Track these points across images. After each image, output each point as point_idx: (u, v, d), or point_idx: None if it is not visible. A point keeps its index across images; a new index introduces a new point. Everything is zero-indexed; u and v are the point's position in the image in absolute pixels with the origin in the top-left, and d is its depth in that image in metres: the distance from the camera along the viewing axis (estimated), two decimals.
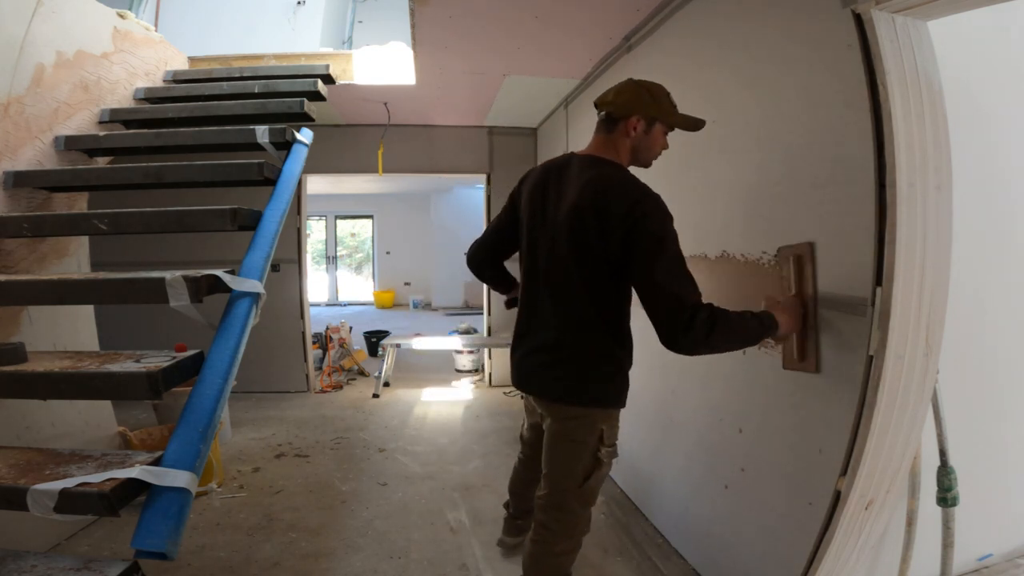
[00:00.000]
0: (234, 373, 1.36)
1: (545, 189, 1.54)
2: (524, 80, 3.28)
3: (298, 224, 4.32)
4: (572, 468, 1.50)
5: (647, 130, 1.46)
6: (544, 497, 1.58)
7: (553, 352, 1.49)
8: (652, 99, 1.45)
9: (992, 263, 1.75)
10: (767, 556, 1.59)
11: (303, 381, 4.49)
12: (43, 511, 1.06)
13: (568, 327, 1.47)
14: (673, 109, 1.49)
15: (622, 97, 1.45)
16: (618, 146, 1.48)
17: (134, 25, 2.54)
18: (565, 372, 1.47)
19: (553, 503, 1.56)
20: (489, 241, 1.80)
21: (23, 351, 1.40)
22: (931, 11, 1.20)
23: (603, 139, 1.50)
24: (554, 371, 1.49)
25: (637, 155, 1.50)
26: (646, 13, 2.28)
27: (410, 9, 2.27)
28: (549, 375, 1.51)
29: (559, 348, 1.48)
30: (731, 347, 1.34)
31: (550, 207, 1.51)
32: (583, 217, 1.38)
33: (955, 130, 1.25)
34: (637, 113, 1.44)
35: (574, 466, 1.50)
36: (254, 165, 1.87)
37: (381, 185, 8.87)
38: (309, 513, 2.45)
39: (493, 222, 1.78)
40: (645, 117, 1.45)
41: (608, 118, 1.48)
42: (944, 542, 1.54)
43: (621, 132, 1.47)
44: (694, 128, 1.51)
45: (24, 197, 1.94)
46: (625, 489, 2.64)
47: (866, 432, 1.23)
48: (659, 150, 1.52)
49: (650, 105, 1.45)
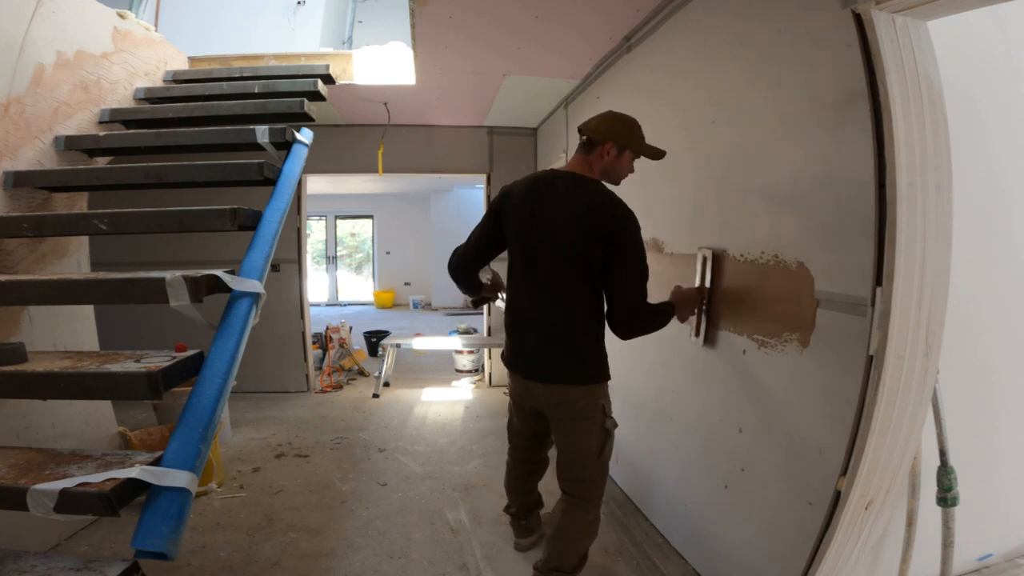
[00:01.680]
0: (234, 373, 1.36)
1: (539, 201, 1.72)
2: (524, 80, 3.28)
3: (298, 224, 4.32)
4: (590, 443, 1.73)
5: (618, 155, 1.70)
6: (568, 476, 1.80)
7: (561, 342, 1.70)
8: (626, 129, 1.71)
9: (992, 263, 1.75)
10: (767, 556, 1.59)
11: (303, 381, 4.49)
12: (43, 511, 1.06)
13: (569, 318, 1.69)
14: (641, 140, 1.75)
15: (602, 126, 1.70)
16: (593, 165, 1.72)
17: (134, 25, 2.54)
18: (573, 357, 1.70)
19: (579, 477, 1.78)
20: (476, 248, 1.89)
21: (23, 351, 1.40)
22: (931, 11, 1.20)
23: (582, 158, 1.73)
24: (564, 358, 1.71)
25: (608, 175, 1.74)
26: (646, 13, 2.28)
27: (410, 9, 2.27)
28: (559, 362, 1.71)
29: (566, 337, 1.70)
30: (651, 331, 1.70)
31: (546, 216, 1.69)
32: (582, 226, 1.62)
33: (955, 130, 1.25)
34: (611, 140, 1.68)
35: (591, 441, 1.73)
36: (254, 165, 1.87)
37: (381, 185, 8.87)
38: (309, 513, 2.46)
39: (478, 231, 1.89)
40: (617, 144, 1.69)
41: (588, 142, 1.72)
42: (944, 542, 1.54)
43: (597, 155, 1.71)
44: (657, 157, 1.76)
45: (24, 197, 1.94)
46: (625, 489, 2.64)
47: (866, 432, 1.23)
48: (626, 172, 1.78)
49: (623, 134, 1.70)
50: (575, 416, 1.74)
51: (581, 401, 1.72)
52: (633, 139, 1.71)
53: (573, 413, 1.74)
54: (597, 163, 1.71)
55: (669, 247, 2.20)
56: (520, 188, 1.78)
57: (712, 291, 1.86)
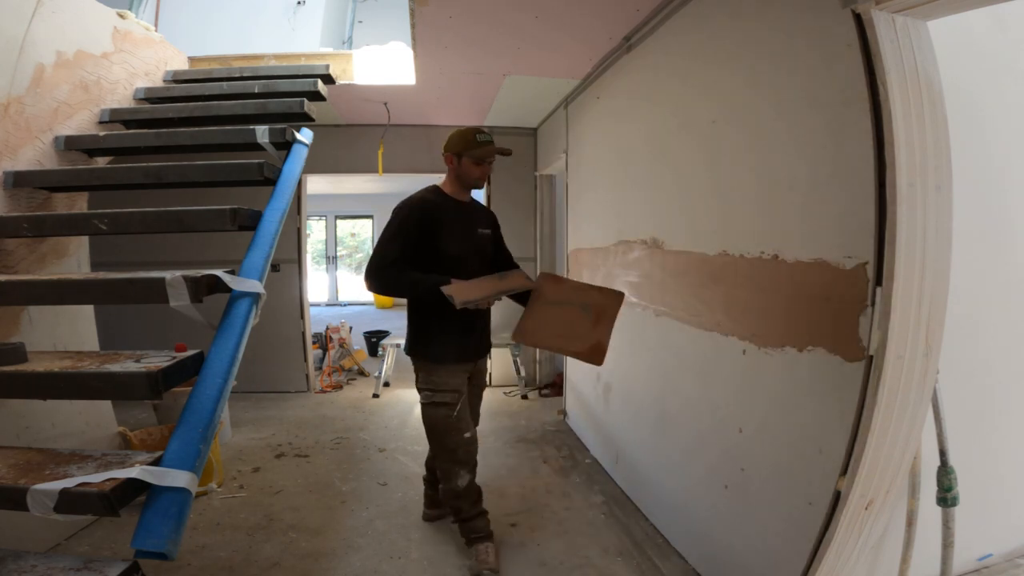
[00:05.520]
0: (234, 373, 1.36)
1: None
2: (524, 80, 3.28)
3: (298, 224, 4.33)
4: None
5: (458, 162, 2.00)
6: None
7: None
8: (459, 139, 1.99)
9: (992, 263, 1.75)
10: (767, 556, 1.59)
11: (303, 381, 4.49)
12: (43, 511, 1.06)
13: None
14: (473, 145, 1.97)
15: (446, 143, 2.03)
16: (449, 175, 2.07)
17: (134, 25, 2.54)
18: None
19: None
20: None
21: (23, 351, 1.40)
22: (931, 11, 1.20)
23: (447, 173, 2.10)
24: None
25: (461, 180, 2.05)
26: (646, 13, 2.28)
27: (410, 9, 2.27)
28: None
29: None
30: (382, 291, 2.06)
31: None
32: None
33: (955, 130, 1.25)
34: (447, 151, 2.02)
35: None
36: (254, 165, 1.87)
37: (381, 185, 8.85)
38: (309, 513, 2.46)
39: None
40: (453, 153, 2.00)
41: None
42: (944, 542, 1.54)
43: (448, 165, 2.05)
44: (500, 153, 2.00)
45: (24, 197, 1.94)
46: (625, 489, 2.64)
47: (866, 432, 1.23)
48: (476, 174, 2.02)
49: (456, 144, 1.99)
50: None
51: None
52: (465, 146, 1.97)
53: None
54: (449, 172, 2.06)
55: (669, 245, 2.20)
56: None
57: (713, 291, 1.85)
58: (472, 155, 1.98)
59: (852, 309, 1.27)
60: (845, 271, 1.30)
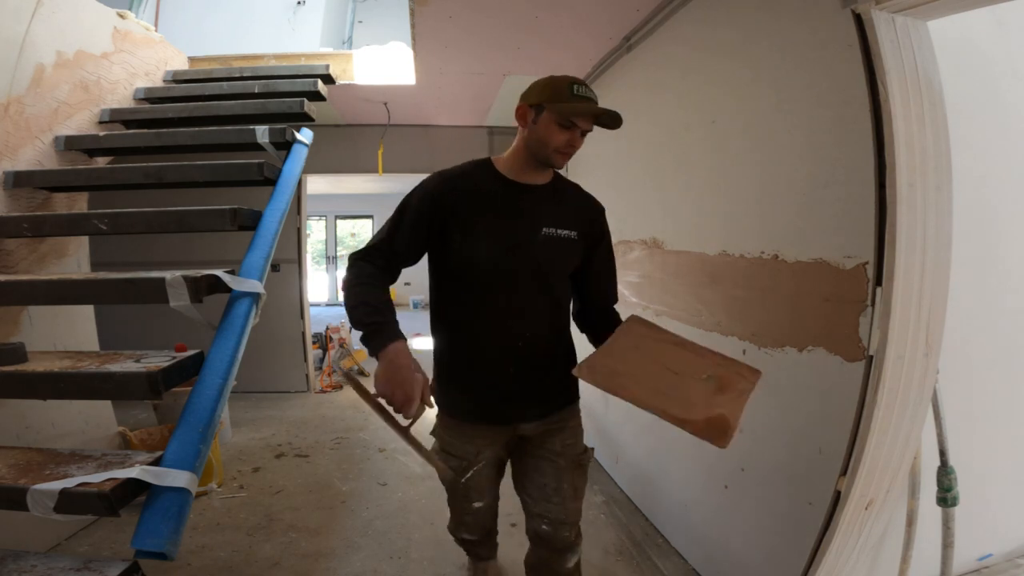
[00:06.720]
0: (234, 373, 1.36)
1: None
2: (524, 80, 3.24)
3: (298, 224, 4.32)
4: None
5: (535, 117, 1.32)
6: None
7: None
8: (545, 86, 1.32)
9: (992, 263, 1.75)
10: (767, 556, 1.59)
11: (303, 381, 4.49)
12: (43, 511, 1.06)
13: None
14: (565, 96, 1.28)
15: (524, 92, 1.37)
16: (516, 143, 1.41)
17: (134, 25, 2.54)
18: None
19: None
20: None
21: (23, 351, 1.40)
22: (931, 11, 1.20)
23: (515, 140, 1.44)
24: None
25: (531, 148, 1.36)
26: (646, 13, 2.28)
27: (410, 9, 2.27)
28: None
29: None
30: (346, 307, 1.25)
31: None
32: None
33: (955, 130, 1.25)
34: (524, 101, 1.35)
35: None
36: (254, 165, 1.87)
37: (381, 185, 8.86)
38: (309, 513, 2.45)
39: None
40: (529, 103, 1.34)
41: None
42: (944, 542, 1.54)
43: (519, 125, 1.39)
44: (601, 123, 1.31)
45: (24, 197, 1.94)
46: (625, 489, 2.64)
47: (866, 432, 1.23)
48: (559, 141, 1.31)
49: (538, 92, 1.33)
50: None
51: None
52: (551, 95, 1.29)
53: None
54: (518, 140, 1.41)
55: (669, 245, 2.20)
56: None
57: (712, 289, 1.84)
58: (559, 109, 1.27)
59: (852, 309, 1.27)
60: (845, 271, 1.30)
